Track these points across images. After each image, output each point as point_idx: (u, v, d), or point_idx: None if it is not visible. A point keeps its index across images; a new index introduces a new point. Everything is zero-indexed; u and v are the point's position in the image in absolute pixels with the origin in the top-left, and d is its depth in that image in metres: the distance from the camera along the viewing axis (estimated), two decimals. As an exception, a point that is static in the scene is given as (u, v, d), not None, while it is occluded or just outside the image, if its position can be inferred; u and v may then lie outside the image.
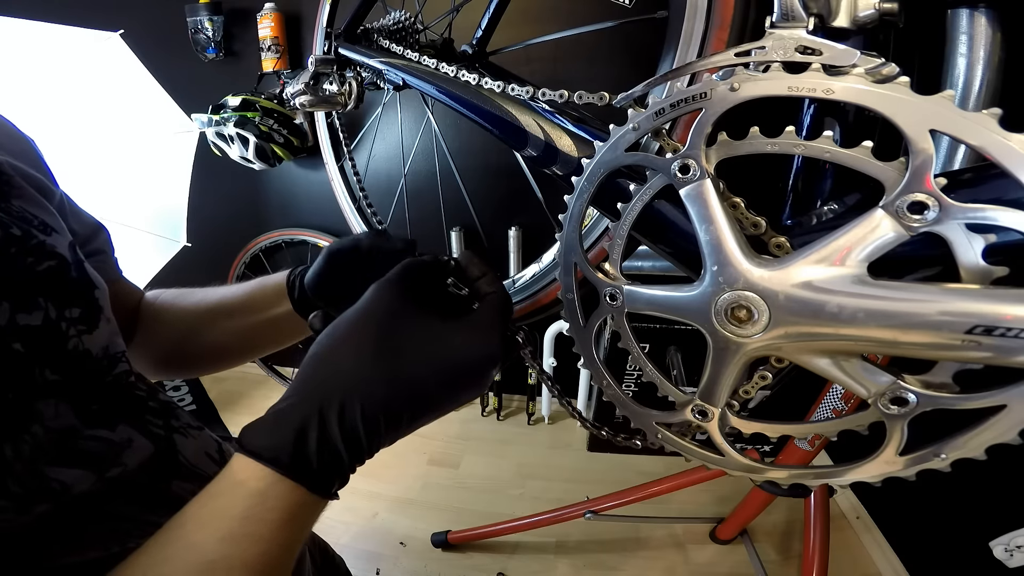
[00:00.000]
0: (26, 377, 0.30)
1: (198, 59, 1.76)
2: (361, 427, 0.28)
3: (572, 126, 0.42)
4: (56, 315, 0.32)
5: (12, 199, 0.34)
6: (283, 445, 0.27)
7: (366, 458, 0.30)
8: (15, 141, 0.40)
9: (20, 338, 0.30)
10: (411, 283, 0.33)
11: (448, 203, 1.60)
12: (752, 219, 0.29)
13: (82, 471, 0.31)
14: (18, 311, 0.30)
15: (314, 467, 0.27)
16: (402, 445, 1.05)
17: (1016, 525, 0.98)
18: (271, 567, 0.26)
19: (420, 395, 0.30)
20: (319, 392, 0.28)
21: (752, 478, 0.33)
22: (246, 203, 2.06)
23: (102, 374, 0.35)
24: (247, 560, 0.25)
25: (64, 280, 0.34)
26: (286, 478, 0.26)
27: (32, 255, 0.33)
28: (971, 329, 0.22)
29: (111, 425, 0.34)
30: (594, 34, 1.45)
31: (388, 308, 0.31)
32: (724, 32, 0.36)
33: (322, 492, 0.28)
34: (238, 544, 0.25)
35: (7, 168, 0.35)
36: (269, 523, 0.26)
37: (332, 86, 0.78)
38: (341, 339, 0.30)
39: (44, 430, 0.29)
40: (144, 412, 0.37)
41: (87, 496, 0.31)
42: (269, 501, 0.26)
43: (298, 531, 0.27)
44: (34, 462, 0.28)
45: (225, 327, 0.49)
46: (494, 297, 0.35)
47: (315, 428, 0.27)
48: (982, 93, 0.37)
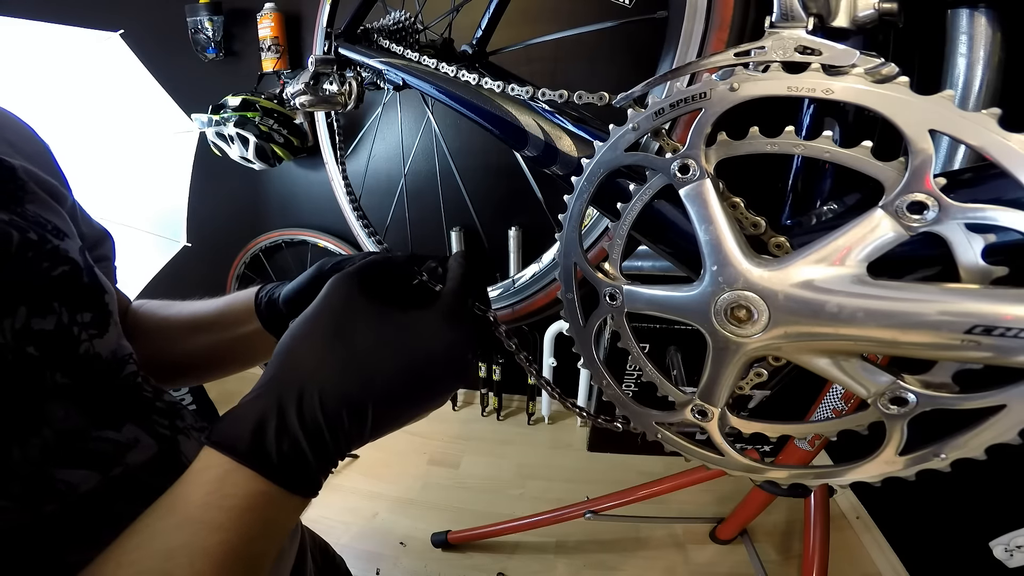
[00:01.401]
0: (38, 381, 0.30)
1: (198, 59, 1.76)
2: (322, 419, 0.28)
3: (572, 126, 0.42)
4: (69, 320, 0.33)
5: (27, 203, 0.35)
6: (242, 434, 0.27)
7: (335, 455, 0.29)
8: (31, 144, 0.41)
9: (34, 342, 0.30)
10: (371, 276, 0.33)
11: (448, 203, 1.60)
12: (752, 219, 0.29)
13: (88, 471, 0.31)
14: (33, 315, 0.30)
15: (273, 457, 0.27)
16: (402, 445, 1.07)
17: (1016, 525, 0.98)
18: (235, 557, 0.26)
19: (383, 387, 0.29)
20: (277, 384, 0.29)
21: (752, 478, 0.33)
22: (246, 203, 2.06)
23: (111, 376, 0.36)
24: (207, 548, 0.25)
25: (77, 285, 0.35)
26: (243, 466, 0.26)
27: (48, 260, 0.33)
28: (971, 329, 0.22)
29: (117, 426, 0.34)
30: (594, 34, 1.45)
31: (344, 300, 0.31)
32: (724, 32, 0.36)
33: (286, 484, 0.27)
34: (196, 531, 0.25)
35: (22, 173, 0.35)
36: (227, 510, 0.26)
37: (332, 86, 0.78)
38: (300, 334, 0.30)
39: (53, 432, 0.30)
40: (151, 412, 0.38)
41: (91, 495, 0.31)
42: (226, 488, 0.26)
43: (261, 523, 0.27)
44: (41, 464, 0.29)
45: (198, 341, 0.49)
46: (455, 280, 0.34)
47: (273, 418, 0.27)
48: (982, 93, 0.37)
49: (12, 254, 0.30)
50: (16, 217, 0.33)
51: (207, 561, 0.25)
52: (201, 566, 0.25)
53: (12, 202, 0.34)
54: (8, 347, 0.28)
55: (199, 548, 0.25)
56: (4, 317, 0.29)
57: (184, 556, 0.25)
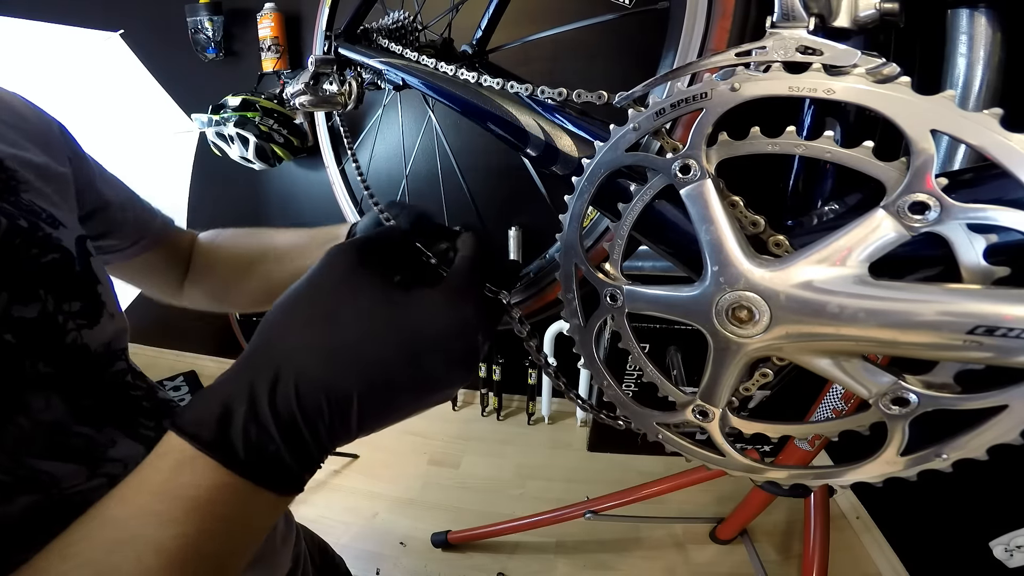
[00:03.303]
0: (15, 368, 0.29)
1: (198, 59, 1.76)
2: (296, 408, 0.24)
3: (572, 126, 0.42)
4: (55, 308, 0.32)
5: (21, 193, 0.35)
6: (207, 419, 0.24)
7: (318, 449, 0.26)
8: (28, 124, 0.40)
9: (12, 329, 0.29)
10: (372, 250, 0.30)
11: (449, 203, 1.60)
12: (751, 218, 0.29)
13: (75, 466, 0.31)
14: (15, 302, 0.30)
15: (239, 447, 0.24)
16: (402, 445, 1.07)
17: (1016, 525, 0.98)
18: (194, 555, 0.23)
19: (373, 374, 0.25)
20: (251, 365, 0.25)
21: (752, 478, 0.33)
22: (246, 203, 2.06)
23: (99, 370, 0.35)
24: (160, 541, 0.22)
25: (67, 274, 0.34)
26: (205, 455, 0.23)
27: (37, 247, 0.33)
28: (972, 329, 0.22)
29: (98, 425, 0.34)
30: (594, 33, 1.45)
31: (338, 274, 0.27)
32: (727, 21, 0.36)
33: (254, 478, 0.24)
34: (147, 523, 0.23)
35: (12, 163, 0.35)
36: (184, 501, 0.23)
37: (332, 86, 0.78)
38: (284, 307, 0.27)
39: (31, 422, 0.29)
40: (137, 414, 0.37)
41: (80, 493, 0.31)
42: (184, 477, 0.23)
43: (225, 520, 0.24)
44: (16, 452, 0.28)
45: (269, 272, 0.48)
46: (466, 256, 0.31)
47: (243, 403, 0.24)
48: (982, 93, 0.37)
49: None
50: (7, 205, 0.32)
51: (157, 556, 0.22)
52: (150, 561, 0.22)
53: (7, 191, 0.34)
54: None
55: (150, 541, 0.22)
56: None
57: (131, 549, 0.22)
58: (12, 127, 0.38)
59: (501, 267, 0.35)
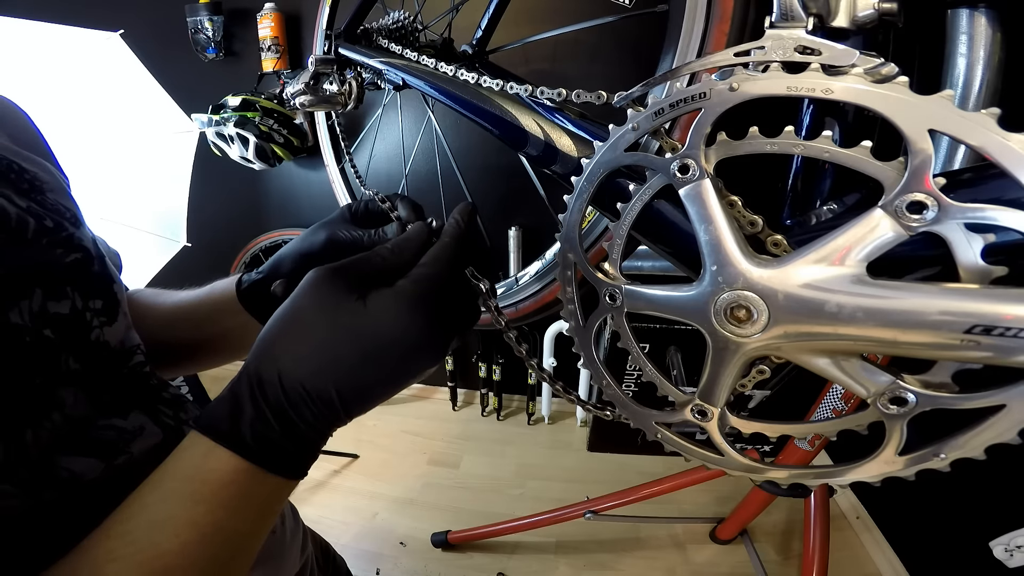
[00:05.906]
0: (53, 364, 0.30)
1: (198, 59, 1.76)
2: (284, 400, 0.29)
3: (571, 126, 0.42)
4: (82, 306, 0.33)
5: (47, 192, 0.35)
6: (222, 415, 0.29)
7: (311, 434, 0.30)
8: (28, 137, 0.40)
9: (51, 325, 0.30)
10: (342, 269, 0.33)
11: (449, 203, 1.60)
12: (749, 217, 0.29)
13: (93, 460, 0.31)
14: (49, 299, 0.31)
15: (247, 436, 0.28)
16: (402, 445, 1.07)
17: (1016, 525, 0.98)
18: (219, 529, 0.27)
19: (344, 370, 0.30)
20: (246, 370, 0.30)
21: (752, 478, 0.33)
22: (246, 203, 2.06)
23: (119, 365, 0.36)
24: (193, 518, 0.26)
25: (89, 272, 0.35)
26: (222, 446, 0.28)
27: (62, 246, 0.33)
28: (970, 329, 0.22)
29: (124, 413, 0.34)
30: (594, 34, 1.45)
31: (312, 295, 0.31)
32: (725, 24, 0.36)
33: (261, 462, 0.28)
34: (181, 503, 0.27)
35: (28, 166, 0.36)
36: (210, 484, 0.27)
37: (332, 86, 0.79)
38: (272, 327, 0.31)
39: (63, 417, 0.30)
40: (157, 402, 0.38)
41: (94, 484, 0.31)
42: (210, 463, 0.28)
43: (243, 498, 0.28)
44: (49, 449, 0.29)
45: (183, 331, 0.49)
46: (426, 263, 0.33)
47: (248, 401, 0.29)
48: (982, 93, 0.37)
49: (28, 240, 0.31)
50: (34, 204, 0.33)
51: (193, 531, 0.26)
52: (187, 536, 0.26)
53: (33, 190, 0.35)
54: (27, 329, 0.29)
55: (185, 519, 0.26)
56: (22, 299, 0.29)
57: (170, 527, 0.26)
58: (23, 131, 0.39)
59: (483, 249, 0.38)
